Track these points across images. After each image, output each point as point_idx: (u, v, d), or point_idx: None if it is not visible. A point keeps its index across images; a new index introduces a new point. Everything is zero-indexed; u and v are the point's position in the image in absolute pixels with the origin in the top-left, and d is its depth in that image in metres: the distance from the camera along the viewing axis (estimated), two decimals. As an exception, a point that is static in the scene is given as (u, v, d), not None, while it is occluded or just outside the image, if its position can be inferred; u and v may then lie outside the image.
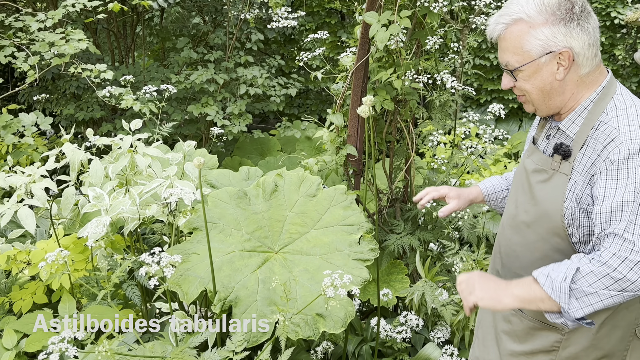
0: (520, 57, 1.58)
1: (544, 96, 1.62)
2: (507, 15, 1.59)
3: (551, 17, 1.54)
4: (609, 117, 1.55)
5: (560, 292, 1.42)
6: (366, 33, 3.01)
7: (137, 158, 2.68)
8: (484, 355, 1.93)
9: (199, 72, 5.30)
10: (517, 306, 1.51)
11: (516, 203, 1.78)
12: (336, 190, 2.73)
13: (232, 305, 2.28)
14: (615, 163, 1.47)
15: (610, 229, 1.44)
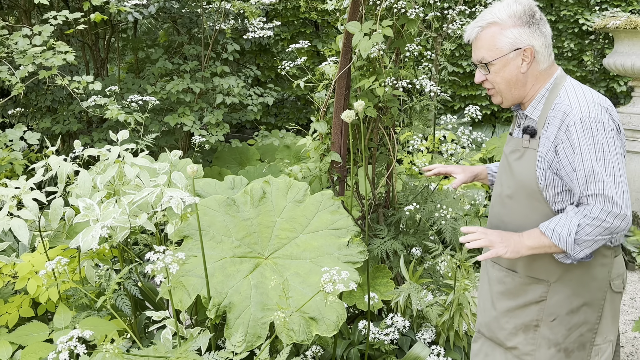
0: (493, 53, 1.95)
1: (510, 87, 1.99)
2: (482, 20, 1.98)
3: (518, 21, 1.93)
4: (561, 99, 1.92)
5: (566, 244, 1.81)
6: (348, 42, 3.08)
7: (126, 168, 2.69)
8: (485, 319, 2.21)
9: (174, 81, 5.31)
10: (529, 254, 1.88)
11: (500, 182, 2.12)
12: (323, 196, 2.78)
13: (227, 311, 2.31)
14: (573, 135, 1.83)
15: (590, 190, 1.81)
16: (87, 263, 2.92)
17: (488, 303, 2.18)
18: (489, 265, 2.20)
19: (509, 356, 2.11)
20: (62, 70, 5.32)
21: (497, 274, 2.13)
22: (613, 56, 5.04)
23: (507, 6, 1.95)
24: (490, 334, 2.18)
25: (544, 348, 2.03)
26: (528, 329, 2.05)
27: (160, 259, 1.75)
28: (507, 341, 2.10)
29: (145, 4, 5.10)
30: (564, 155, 1.86)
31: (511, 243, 1.88)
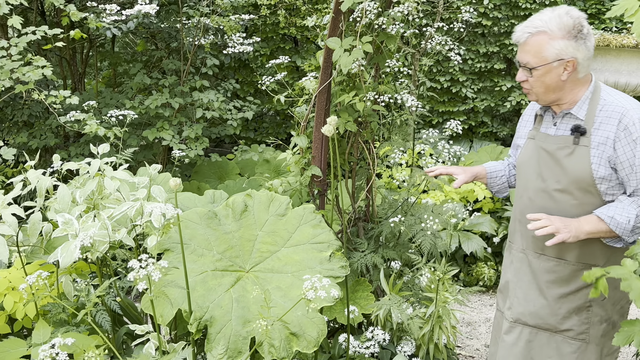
0: (538, 60, 2.09)
1: (547, 91, 2.15)
2: (532, 26, 2.09)
3: (567, 34, 2.05)
4: (608, 101, 2.11)
5: (624, 230, 2.03)
6: (329, 58, 3.11)
7: (106, 181, 2.68)
8: (528, 308, 2.33)
9: (153, 96, 5.29)
10: (586, 238, 2.05)
11: (542, 178, 2.23)
12: (305, 209, 2.80)
13: (208, 325, 2.30)
14: (633, 134, 2.03)
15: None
16: (65, 278, 2.88)
17: (534, 293, 2.30)
18: (531, 257, 2.31)
19: (557, 338, 2.27)
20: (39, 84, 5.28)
21: (545, 265, 2.27)
22: (586, 72, 5.15)
23: (559, 17, 2.06)
24: (537, 322, 2.30)
25: (596, 325, 2.21)
26: (581, 310, 2.22)
27: (142, 267, 1.75)
28: (560, 325, 2.25)
29: (124, 20, 5.08)
30: (622, 152, 2.05)
31: (572, 229, 2.04)
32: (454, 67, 6.63)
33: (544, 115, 2.29)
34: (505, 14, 6.48)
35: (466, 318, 4.39)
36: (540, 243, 2.26)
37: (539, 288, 2.29)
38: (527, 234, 2.33)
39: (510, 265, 2.44)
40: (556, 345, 2.27)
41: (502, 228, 5.01)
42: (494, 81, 6.68)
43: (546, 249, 2.26)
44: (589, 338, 2.23)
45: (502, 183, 2.58)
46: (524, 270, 2.35)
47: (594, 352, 2.23)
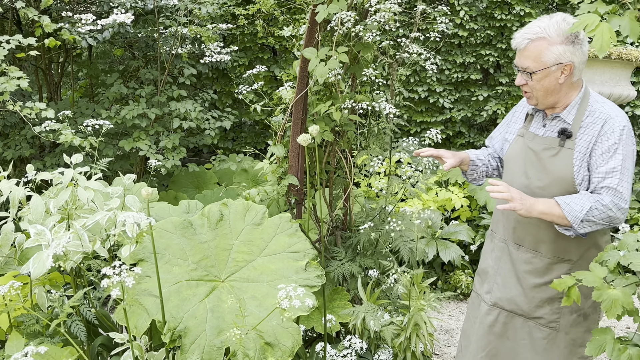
0: (538, 64, 2.20)
1: (546, 94, 2.25)
2: (532, 33, 2.20)
3: (565, 39, 2.16)
4: (597, 107, 2.24)
5: (575, 218, 2.13)
6: (305, 67, 3.12)
7: (79, 191, 2.65)
8: (506, 294, 2.47)
9: (129, 107, 5.26)
10: (538, 217, 2.18)
11: (526, 175, 2.36)
12: (281, 219, 2.79)
13: (182, 335, 2.29)
14: (611, 139, 2.16)
15: (606, 183, 2.15)
16: (38, 289, 2.85)
17: (512, 280, 2.45)
18: (511, 247, 2.46)
19: (530, 324, 2.42)
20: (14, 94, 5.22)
21: (523, 256, 2.41)
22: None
23: (557, 24, 2.18)
24: (513, 307, 2.45)
25: (567, 315, 2.35)
26: (553, 301, 2.36)
27: (116, 273, 1.73)
28: (532, 312, 2.40)
29: (99, 29, 5.05)
30: (599, 149, 2.18)
31: (527, 203, 2.17)
32: (431, 78, 6.69)
33: (535, 115, 2.42)
34: (481, 25, 6.56)
35: (444, 326, 4.40)
36: (520, 235, 2.41)
37: (516, 277, 2.44)
38: (509, 226, 2.47)
39: (492, 253, 2.58)
40: (529, 330, 2.43)
41: (479, 236, 5.05)
42: (471, 91, 6.75)
43: (525, 241, 2.40)
44: (559, 327, 2.37)
45: (481, 172, 2.66)
46: (504, 259, 2.49)
47: (564, 340, 2.37)
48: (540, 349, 2.41)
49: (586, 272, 1.80)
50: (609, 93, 4.90)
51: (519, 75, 2.30)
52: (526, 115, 2.47)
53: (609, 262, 1.79)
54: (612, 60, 4.81)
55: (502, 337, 2.52)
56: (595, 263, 1.80)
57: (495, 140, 2.70)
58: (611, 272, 1.79)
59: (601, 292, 1.71)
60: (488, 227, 5.06)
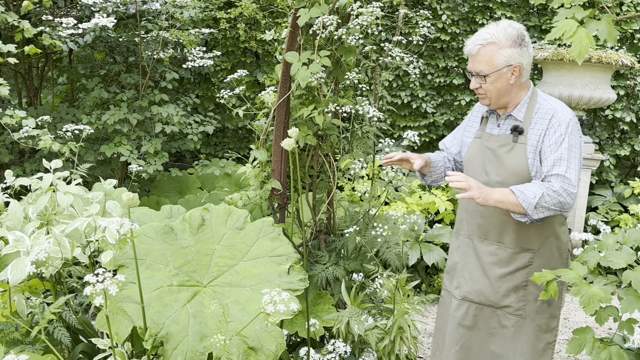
0: (490, 67, 2.37)
1: (499, 95, 2.42)
2: (482, 39, 2.37)
3: (513, 42, 2.35)
4: (542, 105, 2.43)
5: (529, 204, 2.26)
6: (287, 71, 3.11)
7: (59, 196, 2.62)
8: (474, 287, 2.59)
9: (110, 111, 5.20)
10: (495, 205, 2.30)
11: (486, 172, 2.50)
12: (264, 223, 2.78)
13: (163, 341, 2.26)
14: (558, 130, 2.33)
15: (555, 170, 2.30)
16: (17, 297, 2.80)
17: (478, 273, 2.58)
18: (476, 242, 2.59)
19: (499, 313, 2.55)
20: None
21: (488, 248, 2.54)
22: (542, 86, 5.27)
23: (504, 29, 2.36)
24: (481, 299, 2.58)
25: (531, 303, 2.49)
26: (518, 289, 2.50)
27: (99, 281, 1.71)
28: (500, 302, 2.53)
29: (81, 33, 5.00)
30: (548, 141, 2.35)
31: (483, 192, 2.29)
32: (413, 82, 6.71)
33: (489, 117, 2.58)
34: (463, 29, 6.60)
35: (428, 329, 4.41)
36: (485, 229, 2.55)
37: (482, 269, 2.57)
38: (473, 222, 2.60)
39: (458, 250, 2.71)
40: (498, 319, 2.56)
41: (462, 239, 5.06)
42: (454, 95, 6.78)
43: (489, 234, 2.54)
44: (525, 314, 2.50)
45: (440, 172, 2.76)
46: (470, 253, 2.62)
47: (530, 326, 2.51)
48: (509, 336, 2.54)
49: (566, 270, 1.81)
50: (590, 96, 4.95)
51: (473, 80, 2.44)
52: (481, 118, 2.63)
53: (589, 263, 1.81)
54: (592, 64, 4.86)
55: (473, 329, 2.64)
56: (576, 262, 1.81)
57: (450, 143, 2.82)
58: (591, 272, 1.80)
59: (579, 288, 1.72)
60: (471, 230, 5.09)
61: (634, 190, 5.99)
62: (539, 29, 6.55)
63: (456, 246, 2.74)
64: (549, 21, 6.47)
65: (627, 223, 5.59)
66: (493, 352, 2.59)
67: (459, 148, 2.76)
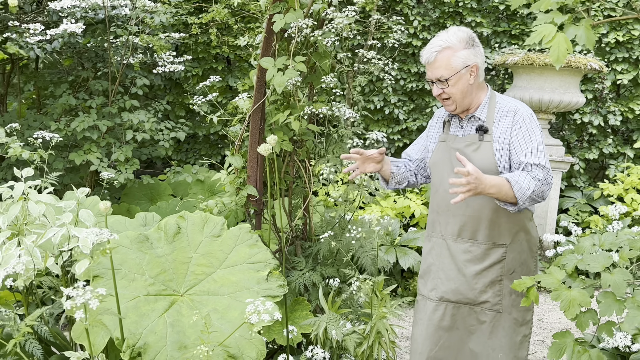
0: (450, 71, 2.46)
1: (463, 96, 2.51)
2: (437, 45, 2.47)
3: (465, 44, 2.46)
4: (504, 103, 2.55)
5: (523, 195, 2.32)
6: (262, 77, 3.09)
7: (30, 206, 2.56)
8: (450, 286, 2.64)
9: (80, 118, 5.11)
10: (488, 193, 2.32)
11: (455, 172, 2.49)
12: (241, 229, 2.75)
13: (141, 352, 2.22)
14: (524, 125, 2.46)
15: (534, 160, 2.40)
16: (-14, 309, 2.72)
17: (453, 272, 2.63)
18: (449, 241, 2.64)
19: (476, 310, 2.62)
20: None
21: (461, 246, 2.61)
22: (513, 90, 5.34)
23: (454, 33, 2.48)
24: (459, 297, 2.63)
25: (507, 296, 2.57)
26: (494, 284, 2.57)
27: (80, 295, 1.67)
28: (477, 298, 2.60)
29: (49, 39, 4.91)
30: (516, 138, 2.46)
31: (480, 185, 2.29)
32: (386, 88, 6.74)
33: (451, 120, 2.66)
34: (435, 34, 6.65)
35: (405, 333, 4.41)
36: (457, 228, 2.61)
37: (457, 268, 2.62)
38: (445, 222, 2.65)
39: (431, 252, 2.75)
40: (476, 316, 2.62)
41: (436, 243, 5.09)
42: (426, 101, 6.83)
43: (462, 232, 2.60)
44: (502, 308, 2.58)
45: (402, 174, 2.80)
46: (444, 253, 2.67)
47: (507, 320, 2.59)
48: (487, 332, 2.62)
49: (544, 275, 1.83)
50: (559, 100, 5.03)
51: (435, 87, 2.54)
52: (443, 122, 2.71)
53: (567, 266, 1.82)
54: (562, 68, 4.95)
55: (452, 329, 2.69)
56: (554, 267, 1.83)
57: (412, 151, 2.88)
58: (569, 275, 1.81)
59: (559, 292, 1.73)
60: (445, 233, 5.12)
61: (604, 191, 6.10)
62: (508, 34, 6.64)
63: (429, 248, 2.78)
64: (518, 26, 6.57)
65: (597, 224, 5.69)
66: (472, 351, 2.65)
67: (423, 154, 2.83)
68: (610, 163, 6.65)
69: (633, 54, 6.41)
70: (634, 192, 5.87)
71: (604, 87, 6.46)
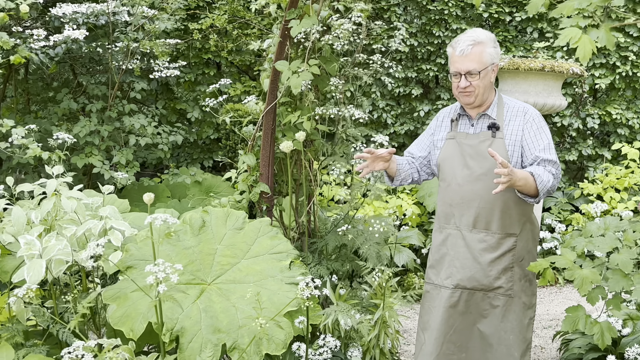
0: (480, 65, 2.65)
1: (485, 90, 2.71)
2: (471, 39, 2.66)
3: (493, 43, 2.70)
4: (512, 104, 2.79)
5: (544, 187, 2.54)
6: (275, 80, 3.27)
7: (63, 201, 2.69)
8: (466, 274, 2.79)
9: (81, 123, 5.23)
10: (517, 187, 2.52)
11: (467, 166, 2.77)
12: (261, 222, 2.92)
13: (179, 335, 2.38)
14: (534, 124, 2.70)
15: (547, 156, 2.62)
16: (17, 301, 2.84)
17: (469, 261, 2.80)
18: (465, 232, 2.80)
19: (490, 295, 2.79)
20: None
21: (477, 236, 2.78)
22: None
23: (483, 32, 2.70)
24: (474, 284, 2.79)
25: (517, 282, 2.75)
26: (507, 271, 2.74)
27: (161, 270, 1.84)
28: (491, 284, 2.77)
29: (52, 45, 5.01)
30: (528, 134, 2.68)
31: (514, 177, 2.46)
32: (374, 92, 6.96)
33: (459, 119, 2.86)
34: (421, 40, 6.90)
35: (402, 326, 4.61)
36: (471, 220, 2.78)
37: (473, 256, 2.79)
38: (460, 215, 2.81)
39: (445, 242, 2.89)
40: (489, 301, 2.79)
41: (428, 240, 5.30)
42: (413, 105, 7.06)
43: (477, 223, 2.77)
44: (513, 293, 2.76)
45: (407, 171, 2.95)
46: (459, 243, 2.83)
47: (517, 303, 2.77)
48: (500, 315, 2.80)
49: (558, 257, 2.03)
50: (543, 103, 5.30)
51: (463, 79, 2.69)
52: (450, 121, 2.89)
53: (577, 248, 2.03)
54: (545, 73, 5.21)
55: (465, 314, 2.86)
56: (565, 248, 2.03)
57: (416, 148, 3.04)
58: (579, 256, 2.02)
59: (573, 272, 1.94)
60: (437, 231, 5.34)
61: (584, 191, 6.39)
62: (491, 40, 6.90)
63: (442, 239, 2.92)
64: (501, 33, 6.84)
65: (579, 222, 5.96)
66: (482, 332, 2.83)
67: (427, 151, 3.00)
68: (589, 165, 6.96)
69: (610, 60, 6.74)
70: (613, 191, 6.16)
71: (583, 91, 6.77)
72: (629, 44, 6.73)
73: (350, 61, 3.78)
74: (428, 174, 3.07)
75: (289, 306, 2.46)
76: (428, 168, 3.04)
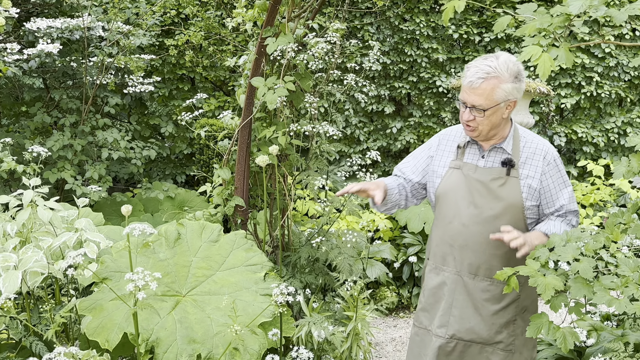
0: (489, 102, 2.30)
1: (491, 128, 2.39)
2: (484, 72, 2.29)
3: (513, 78, 2.31)
4: (529, 138, 2.49)
5: None
6: (251, 95, 3.34)
7: (39, 212, 2.71)
8: (465, 325, 2.53)
9: (54, 137, 5.22)
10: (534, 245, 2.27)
11: (475, 205, 2.46)
12: (237, 235, 2.97)
13: (154, 345, 2.40)
14: (556, 167, 2.45)
15: (571, 207, 2.46)
16: (-11, 314, 2.84)
17: (469, 310, 2.52)
18: (466, 278, 2.51)
19: (488, 349, 2.53)
20: None
21: (480, 284, 2.50)
22: (468, 112, 5.73)
23: (505, 63, 2.30)
24: (472, 337, 2.52)
25: (519, 336, 2.51)
26: (509, 324, 2.50)
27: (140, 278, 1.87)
28: (492, 338, 2.51)
29: (25, 59, 5.02)
30: (550, 180, 2.44)
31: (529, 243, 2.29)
32: (347, 109, 7.07)
33: (468, 147, 2.52)
34: (393, 59, 7.04)
35: (375, 338, 4.66)
36: (474, 266, 2.49)
37: (474, 306, 2.51)
38: (462, 258, 2.51)
39: (442, 287, 2.58)
40: (487, 355, 2.53)
41: (401, 254, 5.39)
42: (385, 122, 7.19)
43: (480, 270, 2.48)
44: (515, 348, 2.51)
45: (395, 201, 2.63)
46: (459, 290, 2.53)
47: (518, 359, 2.53)
48: None
49: (522, 267, 2.12)
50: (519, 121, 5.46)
51: (467, 112, 2.36)
52: (457, 147, 2.54)
53: (540, 258, 2.12)
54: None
55: None
56: (530, 259, 2.12)
57: (410, 171, 2.69)
58: (542, 266, 2.11)
59: (535, 278, 2.03)
60: (409, 245, 5.43)
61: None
62: (461, 60, 7.08)
63: (439, 283, 2.60)
64: (471, 53, 7.02)
65: (545, 237, 6.11)
66: None
67: (422, 177, 2.66)
68: (556, 181, 7.15)
69: (575, 80, 6.96)
70: (579, 207, 6.34)
71: (550, 110, 6.97)
72: (594, 65, 6.96)
73: (325, 77, 3.87)
74: (418, 199, 2.74)
75: (263, 315, 2.50)
76: (420, 194, 2.71)
